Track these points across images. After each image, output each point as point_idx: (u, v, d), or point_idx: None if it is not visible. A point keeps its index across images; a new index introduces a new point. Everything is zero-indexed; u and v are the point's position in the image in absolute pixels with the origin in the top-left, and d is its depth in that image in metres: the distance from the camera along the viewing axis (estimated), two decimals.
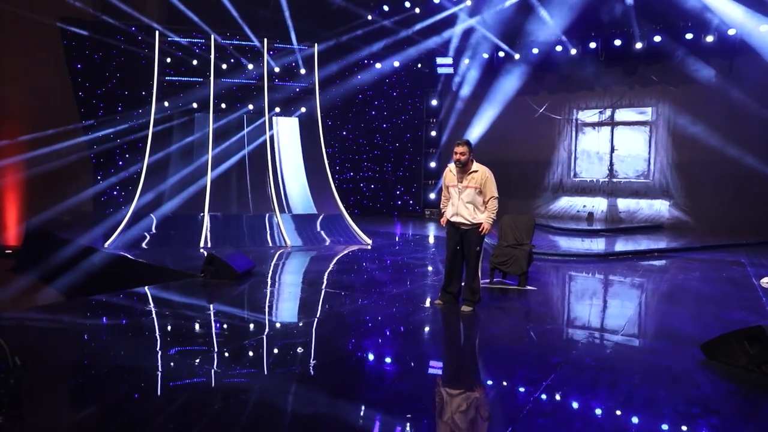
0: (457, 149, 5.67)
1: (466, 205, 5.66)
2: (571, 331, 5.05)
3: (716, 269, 8.65)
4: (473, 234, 5.65)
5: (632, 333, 4.95)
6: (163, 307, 5.97)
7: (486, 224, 5.59)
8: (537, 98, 15.90)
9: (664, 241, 12.13)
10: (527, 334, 4.91)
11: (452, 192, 5.80)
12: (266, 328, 5.10)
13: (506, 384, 3.69)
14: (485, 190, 5.60)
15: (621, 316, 5.70)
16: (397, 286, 7.04)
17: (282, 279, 7.30)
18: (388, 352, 4.39)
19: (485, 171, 5.66)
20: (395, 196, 18.12)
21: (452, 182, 5.79)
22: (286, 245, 10.62)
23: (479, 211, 5.65)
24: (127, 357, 4.10)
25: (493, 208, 5.61)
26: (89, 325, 5.17)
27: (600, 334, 4.91)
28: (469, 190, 5.63)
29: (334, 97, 18.24)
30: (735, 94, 12.97)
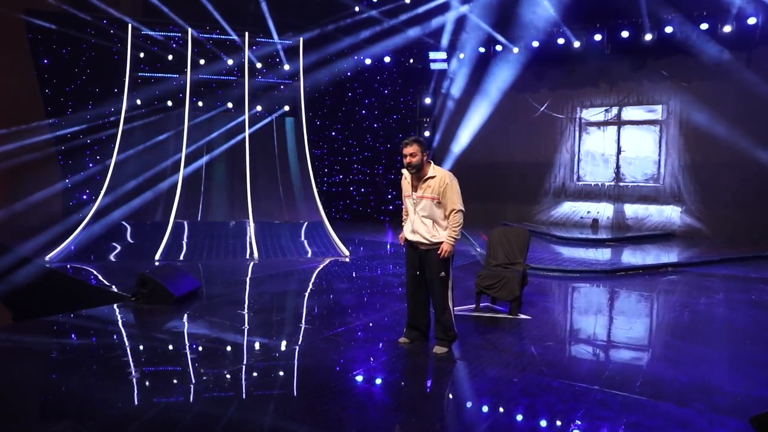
0: (406, 150, 4.50)
1: (423, 220, 4.50)
2: (573, 385, 3.87)
3: (742, 289, 7.46)
4: (434, 257, 4.49)
5: (653, 391, 3.78)
6: (52, 349, 4.83)
7: (445, 245, 4.43)
8: (537, 96, 14.74)
9: (677, 251, 10.94)
10: (517, 391, 3.75)
11: (407, 204, 4.66)
12: (156, 392, 3.95)
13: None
14: (445, 200, 4.44)
15: (636, 361, 4.52)
16: (364, 313, 5.88)
17: (226, 305, 6.16)
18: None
19: (445, 176, 4.48)
20: (387, 200, 16.97)
21: (407, 192, 4.64)
22: (253, 258, 9.49)
23: (440, 228, 4.50)
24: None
25: (456, 224, 4.44)
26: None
27: (611, 392, 3.74)
28: (425, 201, 4.47)
29: (322, 95, 17.17)
30: (754, 89, 11.79)
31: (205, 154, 13.09)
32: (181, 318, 5.61)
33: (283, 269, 8.51)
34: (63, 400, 3.62)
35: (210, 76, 14.18)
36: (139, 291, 6.03)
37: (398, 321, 5.56)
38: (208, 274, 8.09)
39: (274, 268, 8.64)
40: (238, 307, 6.06)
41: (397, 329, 5.20)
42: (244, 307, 6.15)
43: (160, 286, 5.97)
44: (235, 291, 6.94)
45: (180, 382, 3.89)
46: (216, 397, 3.60)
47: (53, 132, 14.18)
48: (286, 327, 5.32)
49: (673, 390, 3.79)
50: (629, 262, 9.50)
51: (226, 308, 5.96)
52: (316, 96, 17.12)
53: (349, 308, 6.10)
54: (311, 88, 15.90)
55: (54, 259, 8.69)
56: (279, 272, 8.27)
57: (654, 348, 4.78)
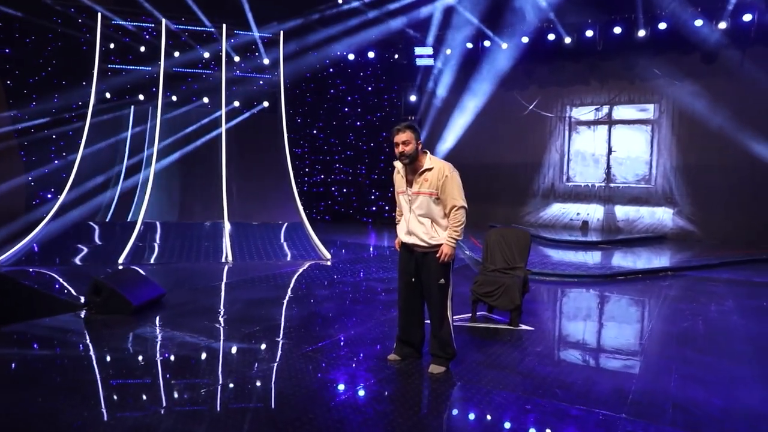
0: (398, 137, 3.87)
1: (420, 219, 3.90)
2: (596, 413, 3.31)
3: (749, 295, 7.01)
4: (433, 261, 3.90)
5: (689, 419, 3.23)
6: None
7: (445, 248, 3.85)
8: (526, 93, 14.26)
9: (670, 254, 10.52)
10: (532, 422, 3.17)
11: (401, 201, 4.03)
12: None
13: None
14: (445, 196, 3.85)
15: (661, 381, 3.99)
16: (347, 324, 5.26)
17: (192, 315, 5.49)
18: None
19: (444, 168, 3.88)
20: (370, 201, 16.37)
21: (400, 187, 4.02)
22: (227, 261, 8.80)
23: (439, 228, 3.90)
24: None
25: (458, 223, 3.85)
26: None
27: (641, 422, 3.18)
28: (421, 197, 3.88)
29: (303, 92, 16.52)
30: (749, 88, 11.47)
31: (179, 151, 12.36)
32: (137, 331, 4.93)
33: (260, 274, 7.85)
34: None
35: (185, 70, 13.43)
36: (93, 299, 5.33)
37: (386, 333, 4.96)
38: (176, 278, 7.40)
39: (249, 272, 7.97)
40: (206, 318, 5.39)
41: (386, 344, 4.60)
42: (213, 317, 5.49)
43: (116, 293, 5.28)
44: (204, 298, 6.26)
45: (117, 423, 3.22)
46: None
47: (15, 125, 13.30)
48: (260, 342, 4.67)
49: (711, 418, 3.25)
50: (627, 266, 9.03)
51: (191, 319, 5.30)
52: (297, 92, 16.47)
53: (331, 318, 5.48)
54: (291, 83, 15.25)
55: (5, 262, 7.90)
56: (255, 277, 7.60)
57: (676, 364, 4.25)
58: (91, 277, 5.55)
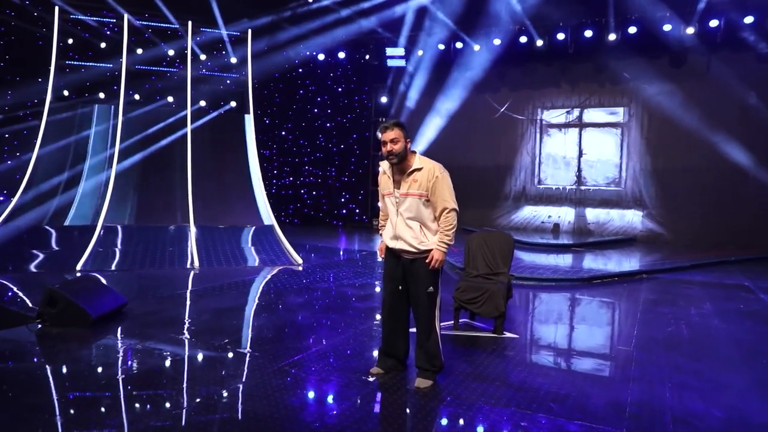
0: (385, 135, 3.67)
1: (408, 222, 3.67)
2: (595, 429, 3.13)
3: (725, 297, 7.03)
4: (421, 268, 3.67)
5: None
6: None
7: (435, 253, 3.62)
8: (498, 96, 14.22)
9: (642, 257, 10.58)
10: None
11: (388, 204, 3.81)
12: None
13: None
14: (435, 197, 3.63)
15: (656, 391, 3.85)
16: (323, 334, 4.98)
17: (156, 327, 5.12)
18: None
19: (434, 168, 3.67)
20: (340, 204, 16.07)
21: (387, 189, 3.80)
22: (194, 267, 8.39)
23: (428, 232, 3.68)
24: None
25: (449, 226, 3.63)
26: None
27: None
28: (410, 199, 3.65)
29: (271, 92, 16.13)
30: (715, 93, 11.67)
31: (142, 151, 11.83)
32: (96, 345, 4.54)
33: (228, 280, 7.48)
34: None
35: (148, 67, 12.90)
36: (46, 311, 4.91)
37: (365, 344, 4.70)
38: (139, 286, 6.98)
39: (217, 279, 7.59)
40: (173, 329, 5.03)
41: (366, 356, 4.35)
42: (180, 328, 5.12)
43: (73, 304, 4.87)
44: (170, 308, 5.88)
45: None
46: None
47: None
48: (229, 356, 4.36)
49: (713, 431, 3.10)
50: (601, 269, 9.00)
51: (157, 331, 4.93)
52: (265, 92, 16.07)
53: (306, 328, 5.19)
54: (259, 83, 14.85)
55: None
56: (223, 284, 7.24)
57: (667, 372, 4.13)
58: (45, 286, 5.12)
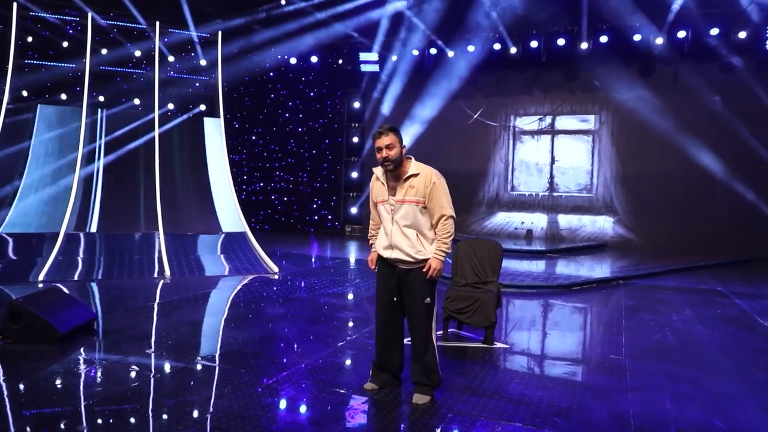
0: (380, 141, 3.54)
1: (405, 231, 3.52)
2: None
3: (703, 303, 7.12)
4: (418, 278, 3.54)
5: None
6: None
7: (433, 262, 3.50)
8: (471, 102, 14.25)
9: (615, 263, 10.71)
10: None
11: (381, 211, 3.64)
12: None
13: None
14: (432, 204, 3.51)
15: (656, 402, 3.79)
16: (309, 348, 4.78)
17: (129, 343, 4.83)
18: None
19: (431, 174, 3.56)
20: (312, 210, 15.82)
21: (381, 196, 3.63)
22: (165, 276, 8.05)
23: (425, 240, 3.55)
24: None
25: (447, 234, 3.52)
26: None
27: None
28: (407, 206, 3.51)
29: (241, 96, 15.79)
30: (682, 102, 11.96)
31: (107, 155, 11.36)
32: (66, 364, 4.23)
33: (203, 290, 7.19)
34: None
35: (114, 68, 12.42)
36: (9, 327, 4.56)
37: (354, 357, 4.53)
38: (108, 298, 6.62)
39: (190, 289, 7.28)
40: (148, 345, 4.74)
41: (358, 370, 4.17)
42: (155, 344, 4.84)
43: (39, 319, 4.54)
44: (143, 321, 5.57)
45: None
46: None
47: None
48: (209, 373, 4.11)
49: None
50: (580, 275, 9.04)
51: (130, 347, 4.63)
52: (235, 96, 15.73)
53: (290, 342, 4.97)
54: (230, 87, 14.49)
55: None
56: (198, 294, 6.94)
57: (663, 381, 4.09)
58: (6, 299, 4.77)
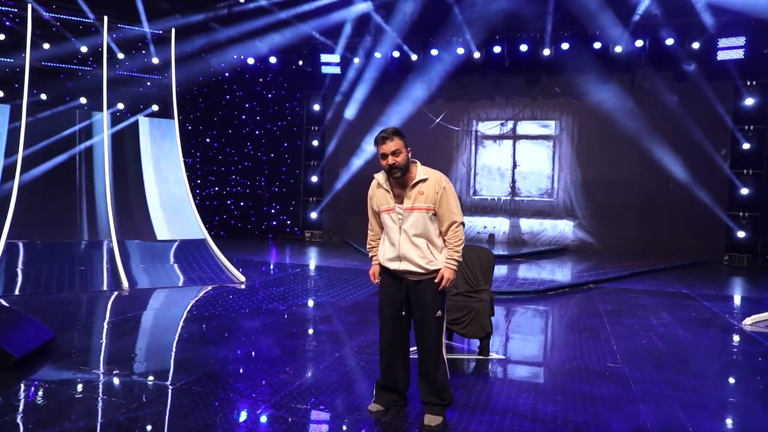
0: (385, 147, 3.33)
1: (415, 241, 3.28)
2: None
3: (676, 306, 7.22)
4: (429, 289, 3.31)
5: None
6: None
7: (446, 272, 3.29)
8: (433, 106, 14.17)
9: (581, 267, 10.84)
10: None
11: (387, 221, 3.38)
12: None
13: None
14: (442, 210, 3.30)
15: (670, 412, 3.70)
16: (297, 366, 4.46)
17: (94, 366, 4.36)
18: None
19: (440, 179, 3.35)
20: (270, 215, 15.33)
21: (385, 204, 3.37)
22: (122, 288, 7.47)
23: (435, 249, 3.33)
24: None
25: (458, 242, 3.32)
26: None
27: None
28: (416, 214, 3.28)
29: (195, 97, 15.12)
30: (638, 109, 12.28)
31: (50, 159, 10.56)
32: (23, 393, 3.74)
33: (168, 303, 6.70)
34: None
35: (57, 65, 11.60)
36: None
37: (347, 374, 4.24)
38: (63, 315, 6.01)
39: (154, 302, 6.78)
40: (119, 367, 4.29)
41: (356, 389, 3.89)
42: (127, 366, 4.38)
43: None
44: (109, 340, 5.07)
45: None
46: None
47: None
48: (202, 399, 3.73)
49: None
50: (552, 279, 9.07)
51: (95, 370, 4.17)
52: (188, 97, 15.04)
53: (276, 359, 4.62)
54: (183, 87, 13.84)
55: None
56: (163, 307, 6.45)
57: (667, 390, 4.02)
58: None
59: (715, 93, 11.72)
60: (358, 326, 5.74)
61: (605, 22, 11.44)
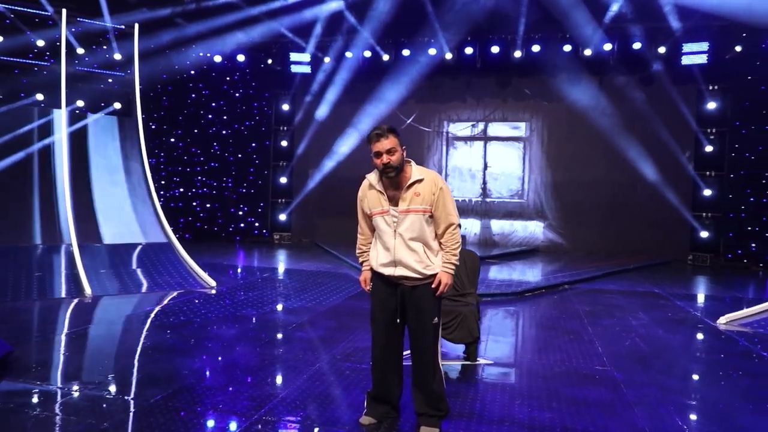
0: (380, 145, 3.15)
1: (411, 245, 3.14)
2: None
3: (651, 306, 7.29)
4: (425, 295, 3.17)
5: None
6: None
7: (443, 276, 3.16)
8: (405, 107, 14.07)
9: (553, 267, 10.91)
10: None
11: (380, 224, 3.21)
12: None
13: None
14: (439, 212, 3.16)
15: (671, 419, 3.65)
16: (279, 377, 4.25)
17: (57, 381, 4.06)
18: None
19: (436, 179, 3.20)
20: (237, 217, 14.94)
21: (377, 206, 3.21)
22: (84, 295, 7.07)
23: (431, 253, 3.19)
24: None
25: (455, 245, 3.20)
26: None
27: None
28: (412, 216, 3.13)
29: (158, 95, 14.60)
30: (606, 112, 12.47)
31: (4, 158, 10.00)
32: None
33: (135, 311, 6.35)
34: None
35: (11, 59, 11.01)
36: None
37: (332, 384, 4.06)
38: (20, 326, 5.61)
39: (120, 310, 6.43)
40: (87, 385, 3.98)
41: (346, 400, 3.71)
42: (95, 381, 4.08)
43: None
44: (72, 352, 4.74)
45: None
46: None
47: None
48: (173, 416, 3.48)
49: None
50: (528, 280, 9.07)
51: (58, 387, 3.87)
52: (151, 95, 14.50)
53: (254, 371, 4.39)
54: (146, 85, 13.33)
55: None
56: (130, 315, 6.12)
57: (659, 393, 3.98)
58: None
59: (680, 96, 12.00)
60: (338, 332, 5.55)
61: (576, 25, 11.55)
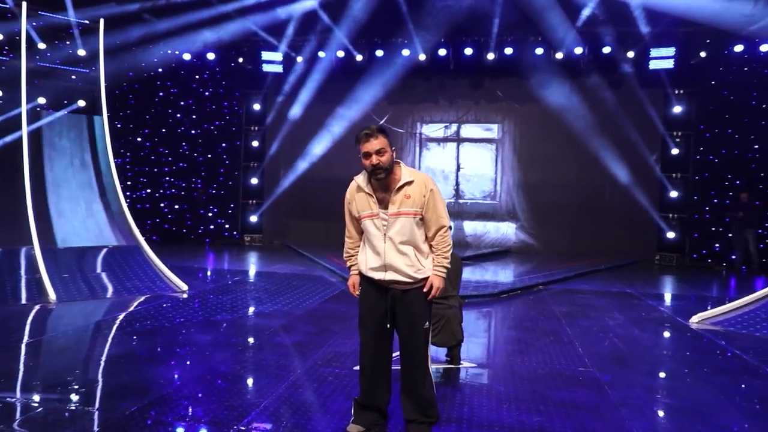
0: (369, 146, 3.04)
1: (401, 248, 3.07)
2: None
3: (625, 306, 7.40)
4: (416, 299, 3.11)
5: None
6: None
7: (435, 280, 3.11)
8: (378, 109, 14.00)
9: (526, 268, 11.02)
10: None
11: (369, 228, 3.13)
12: None
13: None
14: (430, 215, 3.11)
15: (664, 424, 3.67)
16: (259, 388, 4.12)
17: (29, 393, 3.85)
18: None
19: (426, 181, 3.17)
20: (207, 219, 14.61)
21: (367, 209, 3.13)
22: (48, 301, 6.76)
23: (422, 256, 3.13)
24: None
25: (447, 247, 3.16)
26: None
27: None
28: (403, 219, 3.07)
29: (125, 93, 14.17)
30: (577, 114, 12.65)
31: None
32: None
33: (104, 317, 6.10)
34: None
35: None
36: None
37: (317, 391, 3.96)
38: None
39: (88, 316, 6.17)
40: (52, 394, 3.78)
41: (331, 407, 3.61)
42: (64, 390, 3.87)
43: None
44: (41, 361, 4.50)
45: None
46: None
47: None
48: (159, 429, 3.32)
49: None
50: (502, 281, 9.12)
51: (25, 398, 3.66)
52: (117, 93, 14.06)
53: (233, 378, 4.24)
54: (111, 82, 12.91)
55: None
56: (99, 322, 5.87)
57: (643, 394, 4.01)
58: None
59: (648, 99, 12.28)
60: (318, 337, 5.44)
61: (548, 28, 11.69)
